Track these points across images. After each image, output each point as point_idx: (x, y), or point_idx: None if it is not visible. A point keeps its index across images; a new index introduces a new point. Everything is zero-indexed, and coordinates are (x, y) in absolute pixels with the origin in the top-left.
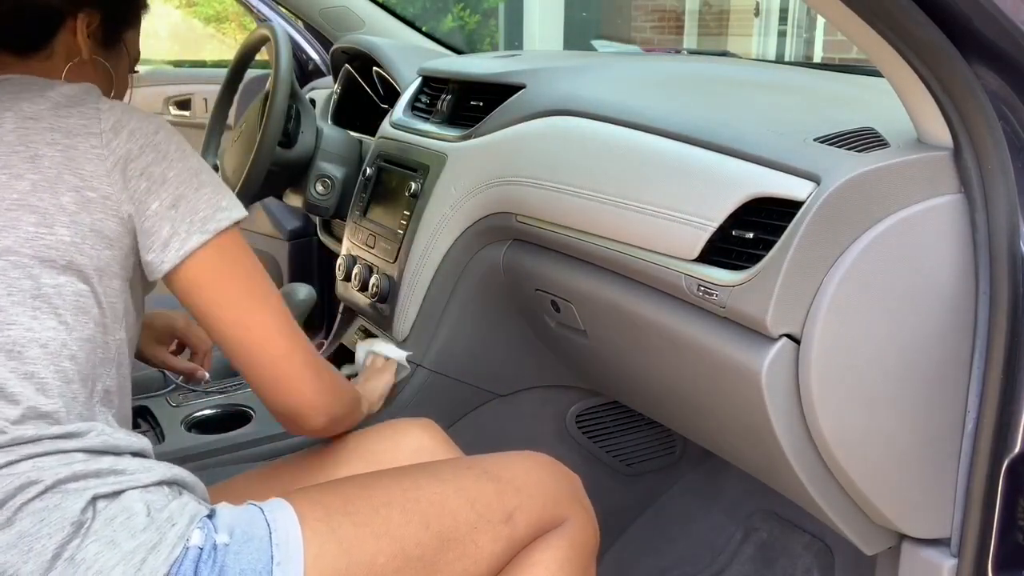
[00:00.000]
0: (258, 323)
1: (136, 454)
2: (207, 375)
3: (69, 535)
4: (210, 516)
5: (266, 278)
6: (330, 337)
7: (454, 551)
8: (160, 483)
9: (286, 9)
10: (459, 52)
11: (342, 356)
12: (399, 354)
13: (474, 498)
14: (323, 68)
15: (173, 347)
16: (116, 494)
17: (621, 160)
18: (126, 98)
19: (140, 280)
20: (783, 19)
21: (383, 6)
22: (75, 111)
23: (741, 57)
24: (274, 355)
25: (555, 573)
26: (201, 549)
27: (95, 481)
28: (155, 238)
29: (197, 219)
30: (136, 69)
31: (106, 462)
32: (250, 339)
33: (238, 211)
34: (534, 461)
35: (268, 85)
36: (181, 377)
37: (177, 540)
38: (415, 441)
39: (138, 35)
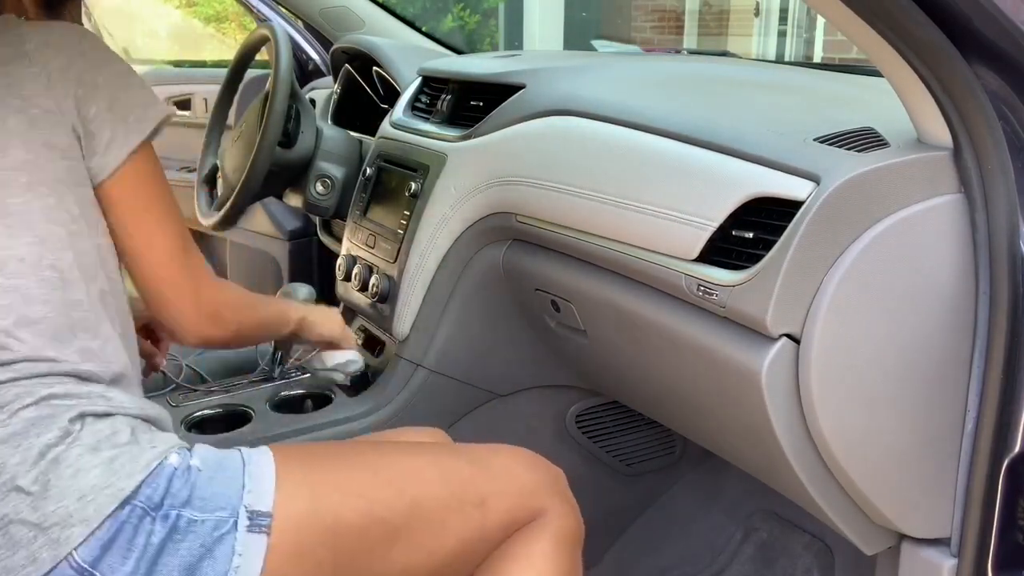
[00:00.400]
0: (160, 242)
1: (118, 383)
2: (164, 362)
3: (56, 439)
4: (189, 449)
5: (175, 205)
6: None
7: (422, 522)
8: (145, 418)
9: (286, 9)
10: (459, 52)
11: None
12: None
13: (449, 478)
14: (323, 68)
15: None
16: (105, 415)
17: (621, 160)
18: None
19: None
20: (783, 19)
21: (383, 6)
22: (3, 39)
23: (741, 57)
24: (163, 276)
25: (535, 565)
26: (176, 468)
27: (84, 400)
28: (98, 141)
29: (132, 118)
30: None
31: (97, 388)
32: (151, 255)
33: (164, 108)
34: (515, 454)
35: (268, 85)
36: (181, 376)
37: (155, 456)
38: None
39: (79, 9)
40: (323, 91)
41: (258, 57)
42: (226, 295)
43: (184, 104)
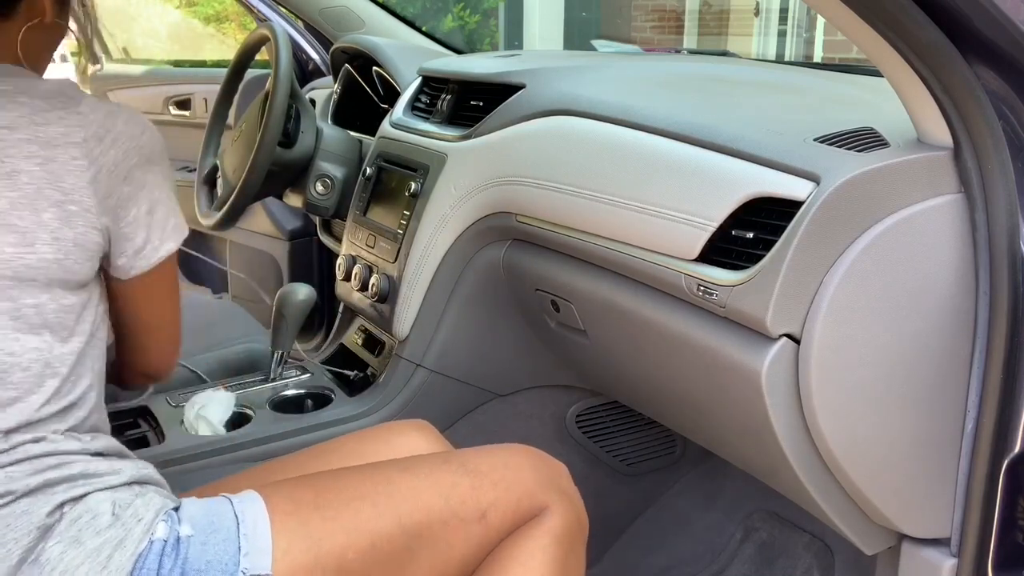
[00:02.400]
0: (167, 324)
1: (106, 454)
2: None
3: (35, 539)
4: (176, 509)
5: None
6: (330, 337)
7: (425, 548)
8: (129, 483)
9: (286, 9)
10: (459, 52)
11: (342, 356)
12: (217, 420)
13: (448, 494)
14: (323, 68)
15: None
16: (82, 496)
17: (621, 160)
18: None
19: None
20: (783, 19)
21: (383, 6)
22: (54, 116)
23: (741, 57)
24: (163, 348)
25: (532, 566)
26: (165, 541)
27: (64, 486)
28: (129, 244)
29: (170, 226)
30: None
31: (76, 467)
32: (156, 336)
33: (185, 226)
34: (514, 453)
35: (268, 85)
36: None
37: (142, 535)
38: (410, 443)
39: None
40: (323, 91)
41: (258, 57)
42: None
43: (184, 104)
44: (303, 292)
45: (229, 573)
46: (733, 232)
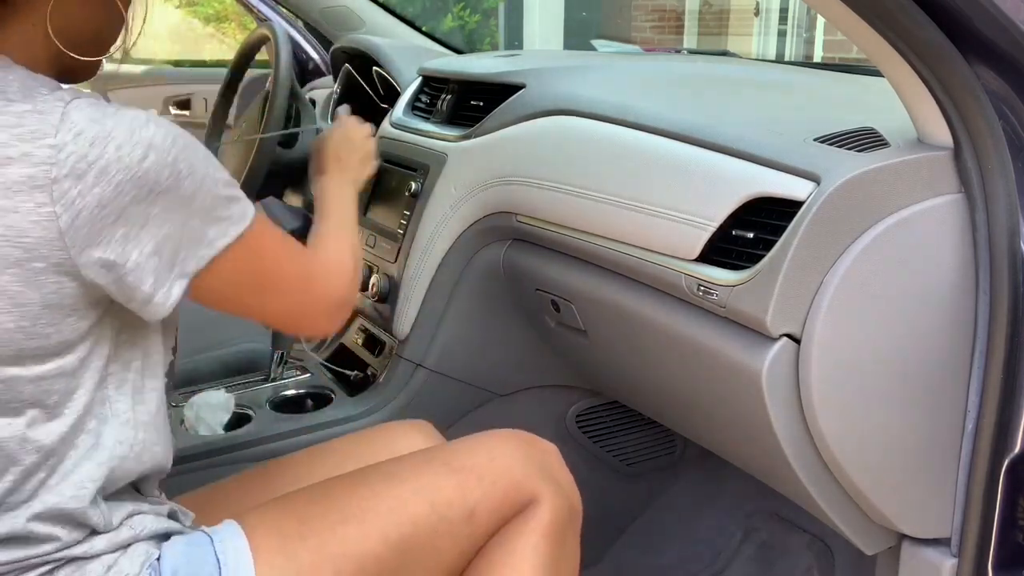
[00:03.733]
0: (276, 307)
1: (103, 531)
2: None
3: None
4: (159, 557)
5: (281, 264)
6: (330, 337)
7: (414, 559)
8: (114, 549)
9: (286, 9)
10: (459, 52)
11: (342, 356)
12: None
13: (434, 499)
14: (323, 68)
15: None
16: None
17: (621, 160)
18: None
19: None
20: (783, 19)
21: (383, 6)
22: (16, 151)
23: (741, 57)
24: (287, 321)
25: (524, 569)
26: None
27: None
28: (136, 292)
29: (178, 261)
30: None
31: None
32: (268, 318)
33: (231, 228)
34: (500, 440)
35: (268, 85)
36: None
37: None
38: (410, 443)
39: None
40: (323, 91)
41: (258, 57)
42: (339, 278)
43: (184, 104)
44: None
45: None
46: (733, 232)
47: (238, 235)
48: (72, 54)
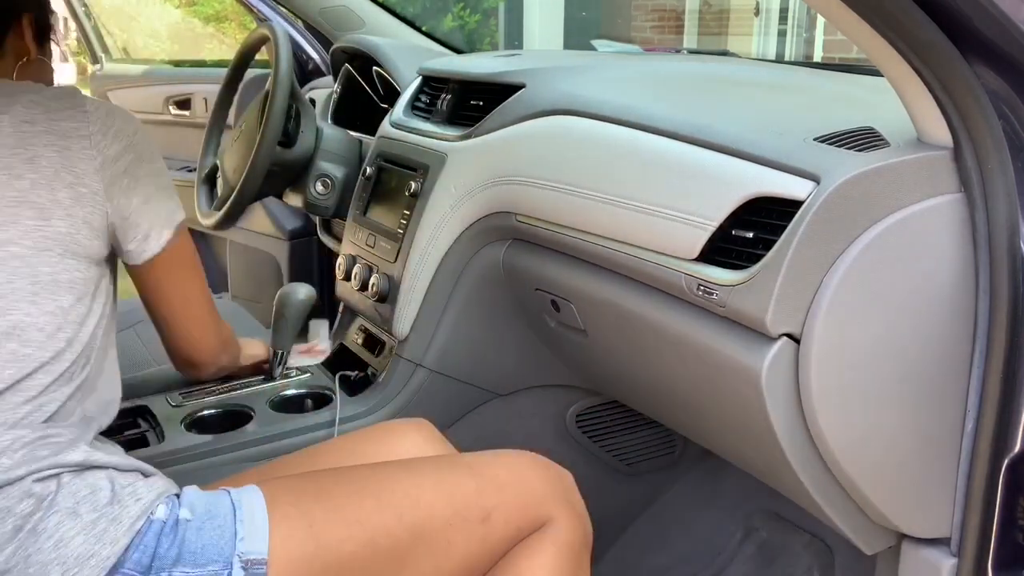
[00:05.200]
0: (194, 306)
1: (105, 441)
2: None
3: (33, 508)
4: (177, 495)
5: (200, 270)
6: (330, 337)
7: (426, 545)
8: (128, 468)
9: (286, 9)
10: (459, 52)
11: (342, 356)
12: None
13: (452, 494)
14: (323, 68)
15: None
16: (82, 471)
17: (621, 160)
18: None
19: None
20: (783, 19)
21: (383, 6)
22: (65, 113)
23: (741, 57)
24: (196, 330)
25: None
26: (164, 522)
27: (64, 460)
28: (137, 230)
29: (163, 214)
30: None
31: (79, 453)
32: (185, 317)
33: (181, 211)
34: (520, 459)
35: (268, 85)
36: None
37: (140, 513)
38: (410, 442)
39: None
40: (323, 91)
41: (258, 57)
42: (227, 330)
43: (184, 104)
44: (303, 292)
45: (225, 556)
46: (733, 232)
47: (184, 219)
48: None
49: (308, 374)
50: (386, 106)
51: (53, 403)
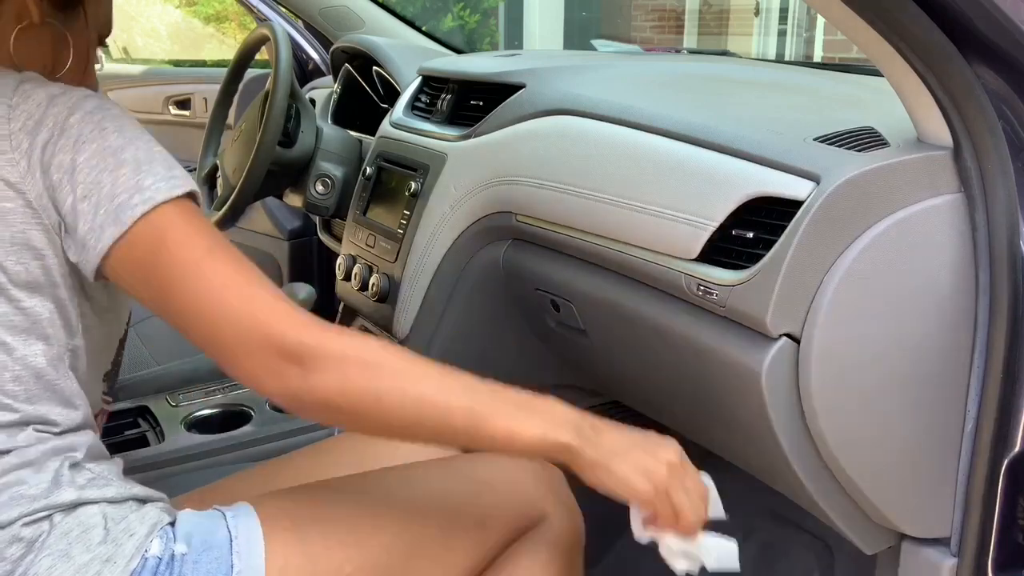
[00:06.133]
0: (204, 303)
1: (95, 462)
2: None
3: (23, 552)
4: (172, 523)
5: (216, 250)
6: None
7: (425, 558)
8: (121, 499)
9: (286, 9)
10: (459, 52)
11: None
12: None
13: (447, 504)
14: (323, 68)
15: None
16: (73, 507)
17: (621, 160)
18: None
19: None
20: (783, 19)
21: (383, 6)
22: None
23: (741, 57)
24: (225, 333)
25: None
26: (160, 559)
27: (55, 502)
28: (73, 237)
29: (112, 208)
30: (105, 43)
31: (66, 492)
32: (196, 318)
33: (170, 187)
34: (513, 460)
35: (268, 85)
36: None
37: (135, 551)
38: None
39: (101, 5)
40: (323, 91)
41: (258, 57)
42: (320, 334)
43: (184, 104)
44: (303, 292)
45: None
46: (733, 232)
47: (183, 193)
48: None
49: None
50: (386, 106)
51: (19, 448)
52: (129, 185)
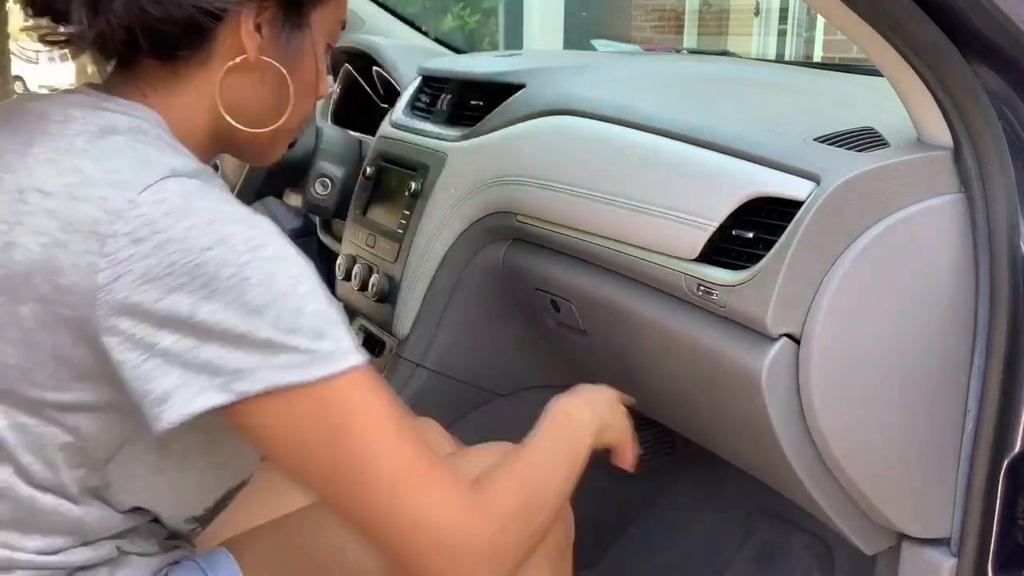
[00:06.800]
0: (368, 506)
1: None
2: None
3: None
4: None
5: (383, 445)
6: None
7: None
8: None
9: None
10: (459, 52)
11: None
12: None
13: None
14: None
15: None
16: None
17: (621, 160)
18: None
19: None
20: (783, 19)
21: (383, 6)
22: (95, 193)
23: (741, 57)
24: (376, 533)
25: None
26: None
27: None
28: (156, 385)
29: (221, 373)
30: (334, 45)
31: None
32: (361, 520)
33: (320, 366)
34: (497, 455)
35: None
36: None
37: None
38: None
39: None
40: None
41: None
42: (503, 501)
43: None
44: None
45: None
46: (733, 232)
47: (322, 377)
48: (237, 124)
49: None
50: (386, 106)
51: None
52: (258, 355)
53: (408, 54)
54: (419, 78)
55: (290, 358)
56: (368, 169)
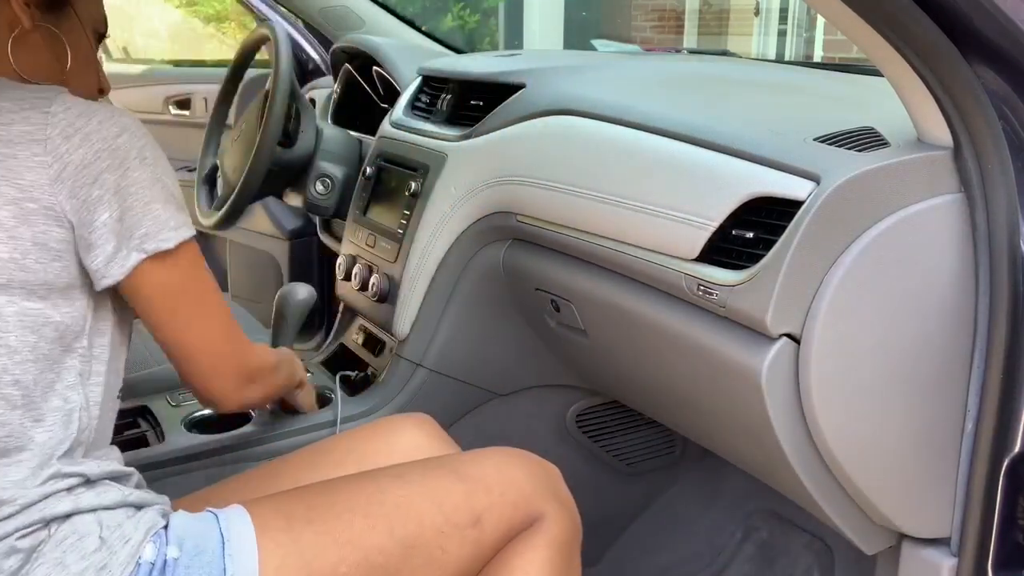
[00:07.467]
0: (194, 335)
1: (97, 479)
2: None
3: (21, 561)
4: (167, 527)
5: (211, 294)
6: (330, 337)
7: (420, 557)
8: (116, 506)
9: (286, 9)
10: (459, 52)
11: (342, 356)
12: None
13: (441, 501)
14: (323, 68)
15: None
16: (68, 516)
17: (621, 160)
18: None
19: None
20: (783, 19)
21: (383, 6)
22: (20, 116)
23: (741, 57)
24: (203, 363)
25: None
26: (153, 564)
27: (51, 513)
28: (99, 251)
29: (138, 235)
30: (106, 34)
31: (66, 503)
32: (183, 347)
33: (185, 231)
34: (507, 457)
35: (268, 85)
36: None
37: (128, 559)
38: (410, 438)
39: (91, 1)
40: (323, 91)
41: (258, 57)
42: (261, 359)
43: (184, 104)
44: (303, 292)
45: None
46: (733, 232)
47: (191, 236)
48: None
49: (308, 374)
50: (386, 106)
51: (13, 448)
52: (158, 220)
53: (408, 54)
54: (419, 78)
55: (179, 220)
56: (368, 169)
